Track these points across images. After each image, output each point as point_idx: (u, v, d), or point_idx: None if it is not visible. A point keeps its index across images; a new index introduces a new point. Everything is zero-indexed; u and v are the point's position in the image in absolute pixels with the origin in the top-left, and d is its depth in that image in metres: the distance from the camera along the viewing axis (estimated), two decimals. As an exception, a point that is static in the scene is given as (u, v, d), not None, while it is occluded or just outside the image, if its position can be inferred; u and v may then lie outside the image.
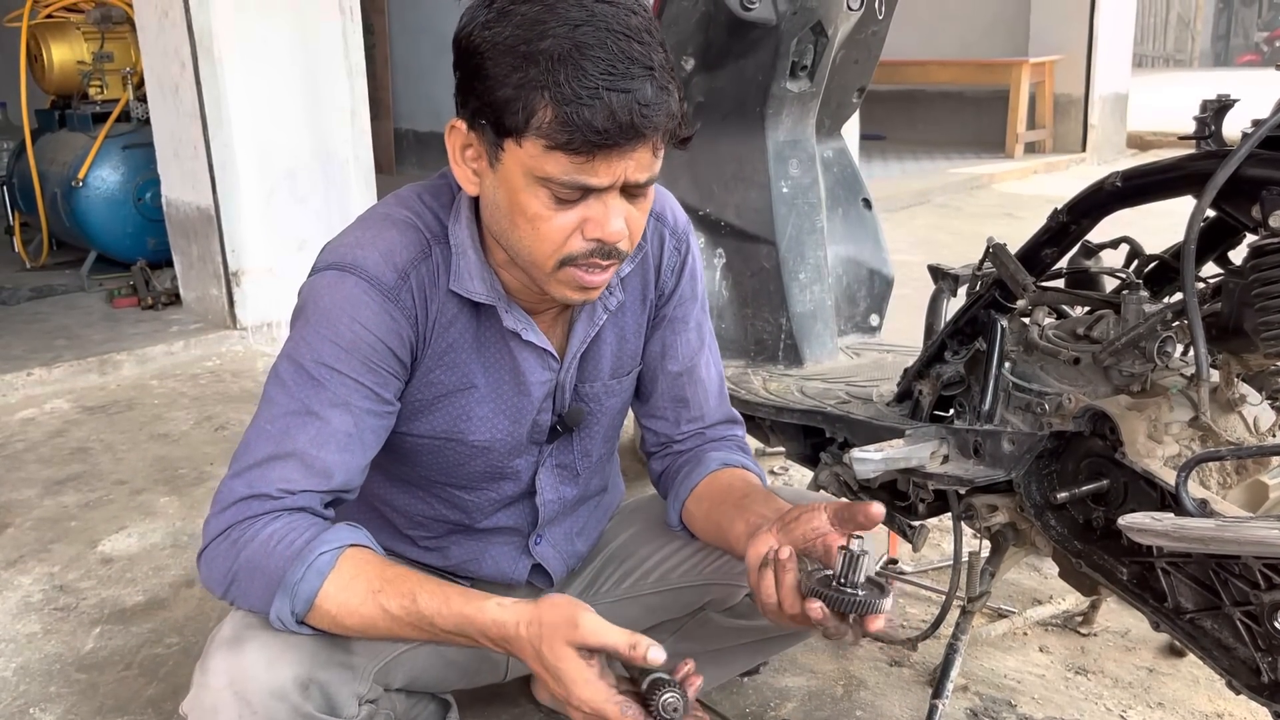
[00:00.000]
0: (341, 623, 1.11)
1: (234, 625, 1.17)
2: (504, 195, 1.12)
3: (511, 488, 1.41)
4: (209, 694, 1.13)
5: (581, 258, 1.12)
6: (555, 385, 1.34)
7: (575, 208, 1.10)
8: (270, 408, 1.17)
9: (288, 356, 1.18)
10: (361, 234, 1.21)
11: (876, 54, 2.39)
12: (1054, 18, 8.07)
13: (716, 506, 1.36)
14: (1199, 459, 1.24)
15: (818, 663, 1.88)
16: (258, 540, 1.11)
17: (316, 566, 1.10)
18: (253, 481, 1.14)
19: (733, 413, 1.52)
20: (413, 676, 1.35)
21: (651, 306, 1.40)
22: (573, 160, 1.05)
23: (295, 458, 1.14)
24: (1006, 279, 1.51)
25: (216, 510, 1.15)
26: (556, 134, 1.03)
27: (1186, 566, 1.39)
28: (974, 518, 1.68)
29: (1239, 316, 1.37)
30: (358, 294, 1.17)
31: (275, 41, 3.83)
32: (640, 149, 1.06)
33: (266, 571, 1.11)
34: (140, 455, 2.98)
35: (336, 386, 1.16)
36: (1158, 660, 1.87)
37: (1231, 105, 1.34)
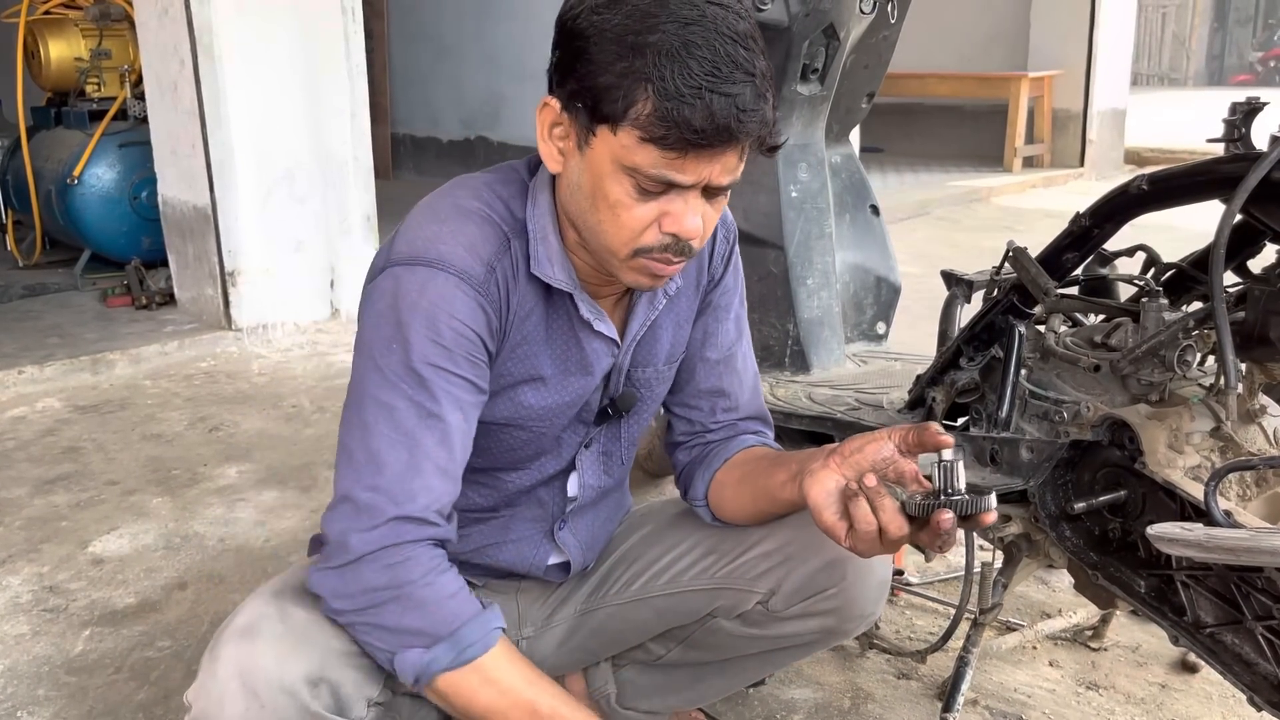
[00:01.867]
0: (476, 695, 1.13)
1: (248, 615, 1.14)
2: (588, 179, 1.12)
3: (552, 465, 1.40)
4: (217, 684, 1.11)
5: (656, 250, 1.13)
6: (612, 368, 1.34)
7: (656, 201, 1.10)
8: (390, 412, 1.14)
9: (389, 355, 1.15)
10: (438, 228, 1.19)
11: (887, 59, 2.37)
12: (1053, 33, 8.08)
13: (751, 470, 1.37)
14: (1230, 468, 1.21)
15: (824, 675, 1.85)
16: (430, 583, 1.13)
17: (487, 640, 1.14)
18: (397, 497, 1.13)
19: (766, 412, 1.51)
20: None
21: (702, 293, 1.41)
22: (664, 155, 1.05)
23: (429, 462, 1.15)
24: (1027, 283, 1.48)
25: (364, 524, 1.12)
26: (654, 128, 1.03)
27: (1207, 580, 1.37)
28: (987, 528, 1.65)
29: (1265, 325, 1.35)
30: (450, 289, 1.15)
31: (276, 41, 3.81)
32: (729, 153, 1.06)
33: (436, 619, 1.12)
34: (133, 455, 2.93)
35: (447, 386, 1.16)
36: (1170, 676, 1.84)
37: (1261, 109, 1.32)
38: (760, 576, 1.42)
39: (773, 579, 1.41)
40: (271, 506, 2.59)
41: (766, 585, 1.41)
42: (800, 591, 1.40)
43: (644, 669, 1.61)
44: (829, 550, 1.38)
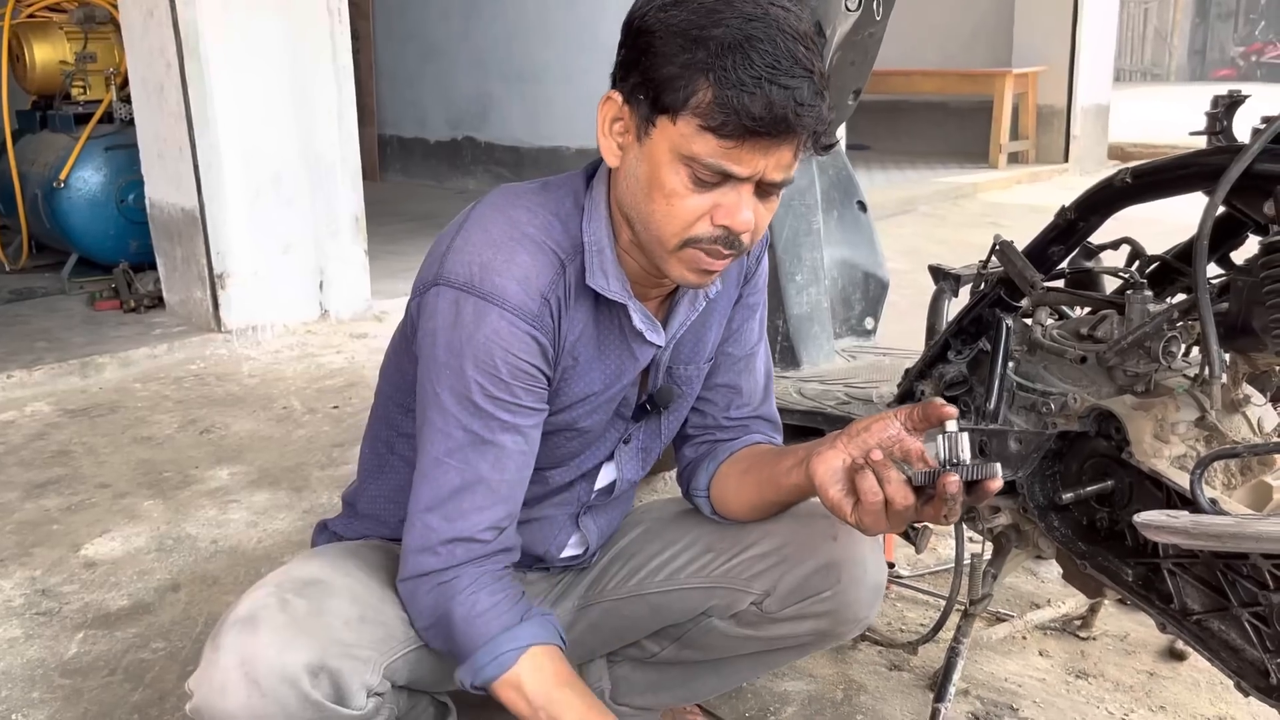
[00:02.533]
0: (511, 707, 1.21)
1: (249, 606, 1.16)
2: (646, 169, 1.14)
3: (591, 460, 1.43)
4: (218, 672, 1.13)
5: (706, 241, 1.15)
6: (651, 364, 1.36)
7: (710, 193, 1.12)
8: (445, 440, 1.21)
9: (449, 388, 1.20)
10: (493, 255, 1.20)
11: (873, 56, 2.38)
12: (1037, 30, 8.13)
13: (757, 461, 1.40)
14: (1215, 455, 1.22)
15: (817, 667, 1.86)
16: (460, 607, 1.21)
17: (501, 661, 1.20)
18: (451, 516, 1.21)
19: (776, 416, 1.53)
20: (416, 675, 1.33)
21: (739, 291, 1.43)
22: (721, 144, 1.07)
23: (482, 485, 1.22)
24: (1014, 276, 1.50)
25: (420, 546, 1.22)
26: (713, 116, 1.06)
27: (1193, 568, 1.38)
28: (976, 519, 1.67)
29: (1247, 315, 1.36)
30: (505, 327, 1.18)
31: (262, 42, 3.80)
32: (784, 147, 1.09)
33: (459, 641, 1.22)
34: (123, 458, 2.93)
35: (503, 415, 1.21)
36: (1158, 664, 1.86)
37: (1242, 101, 1.33)
38: (756, 577, 1.43)
39: (768, 580, 1.42)
40: (264, 508, 2.59)
41: (762, 586, 1.42)
42: (795, 593, 1.41)
43: (638, 666, 1.62)
44: (825, 553, 1.39)
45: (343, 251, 4.17)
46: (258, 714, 1.12)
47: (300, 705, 1.13)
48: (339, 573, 1.29)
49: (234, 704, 1.12)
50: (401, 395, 1.39)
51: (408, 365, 1.35)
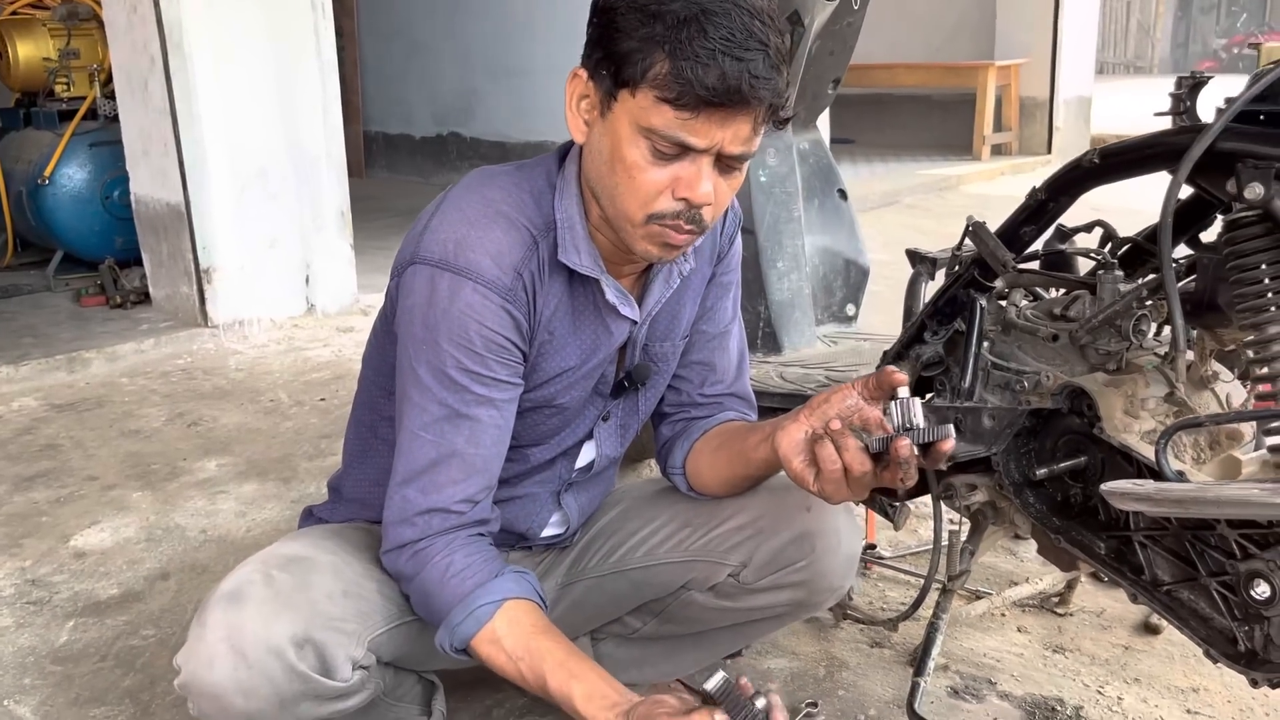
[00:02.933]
0: (492, 661, 1.24)
1: (234, 581, 1.19)
2: (608, 143, 1.17)
3: (571, 438, 1.45)
4: (205, 646, 1.15)
5: (669, 217, 1.17)
6: (628, 342, 1.39)
7: (670, 166, 1.15)
8: (421, 414, 1.24)
9: (426, 363, 1.23)
10: (467, 231, 1.22)
11: (851, 46, 2.42)
12: (1019, 22, 8.18)
13: (728, 437, 1.44)
14: (1178, 426, 1.26)
15: (800, 645, 1.89)
16: (435, 570, 1.24)
17: (476, 616, 1.22)
18: (426, 489, 1.25)
19: (750, 393, 1.56)
20: (402, 652, 1.35)
21: (712, 270, 1.46)
22: (678, 115, 1.10)
23: (457, 458, 1.25)
24: (986, 256, 1.53)
25: (398, 518, 1.26)
26: (668, 87, 1.09)
27: (1163, 539, 1.42)
28: (953, 497, 1.70)
29: (1214, 291, 1.40)
30: (478, 300, 1.21)
31: (246, 37, 3.81)
32: (741, 119, 1.11)
33: (435, 603, 1.25)
34: (111, 451, 2.94)
35: (478, 388, 1.24)
36: (1133, 638, 1.90)
37: (1205, 83, 1.37)
38: (732, 549, 1.46)
39: (744, 552, 1.45)
40: (252, 498, 2.61)
41: (738, 558, 1.46)
42: (770, 564, 1.44)
43: (621, 642, 1.65)
44: (799, 524, 1.42)
45: (329, 246, 4.18)
46: (244, 686, 1.15)
47: (286, 676, 1.16)
48: (322, 551, 1.31)
49: (221, 676, 1.14)
50: (383, 379, 1.41)
51: (389, 348, 1.37)
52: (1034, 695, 1.74)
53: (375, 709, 1.37)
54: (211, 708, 1.17)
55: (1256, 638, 1.31)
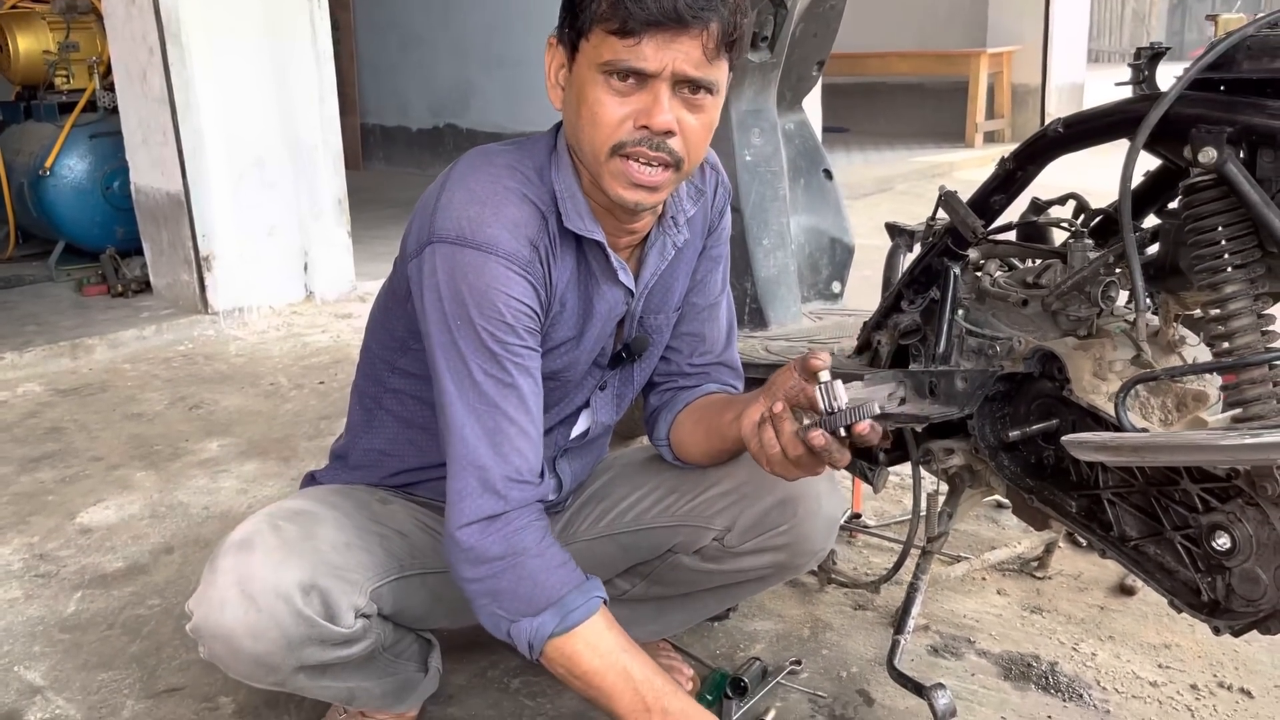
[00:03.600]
0: (578, 660, 1.24)
1: (244, 531, 1.25)
2: (574, 92, 1.23)
3: (569, 407, 1.50)
4: (216, 590, 1.21)
5: (630, 145, 1.20)
6: (626, 315, 1.44)
7: (630, 98, 1.19)
8: (468, 390, 1.25)
9: (464, 339, 1.25)
10: (480, 209, 1.26)
11: (835, 28, 2.46)
12: (1010, 10, 8.22)
13: (706, 411, 1.48)
14: (1137, 379, 1.32)
15: (785, 608, 1.95)
16: (540, 553, 1.25)
17: (590, 606, 1.25)
18: (502, 457, 1.25)
19: (738, 363, 1.61)
20: (400, 606, 1.41)
21: (703, 243, 1.51)
22: (624, 44, 1.15)
23: (515, 427, 1.26)
24: (958, 224, 1.58)
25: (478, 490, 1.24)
26: (610, 19, 1.14)
27: (1130, 496, 1.47)
28: (931, 461, 1.76)
29: (1175, 256, 1.45)
30: (503, 273, 1.24)
31: (243, 27, 3.86)
32: (687, 41, 1.15)
33: (545, 586, 1.24)
34: (115, 434, 3.00)
35: (515, 357, 1.26)
36: (1109, 599, 1.96)
37: (1164, 53, 1.42)
38: (717, 514, 1.52)
39: (728, 516, 1.51)
40: (254, 476, 2.67)
41: (722, 522, 1.51)
42: (754, 528, 1.50)
43: (612, 604, 1.70)
44: (781, 490, 1.48)
45: (326, 233, 4.24)
46: (254, 628, 1.21)
47: (293, 620, 1.22)
48: (326, 506, 1.37)
49: (231, 618, 1.21)
50: (389, 353, 1.46)
51: (396, 324, 1.42)
52: (1011, 652, 1.80)
53: (375, 663, 1.42)
54: (223, 649, 1.23)
55: (1219, 588, 1.36)
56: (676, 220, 1.41)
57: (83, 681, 1.81)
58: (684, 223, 1.43)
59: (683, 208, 1.42)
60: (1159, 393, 1.50)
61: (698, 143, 1.23)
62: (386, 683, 1.46)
